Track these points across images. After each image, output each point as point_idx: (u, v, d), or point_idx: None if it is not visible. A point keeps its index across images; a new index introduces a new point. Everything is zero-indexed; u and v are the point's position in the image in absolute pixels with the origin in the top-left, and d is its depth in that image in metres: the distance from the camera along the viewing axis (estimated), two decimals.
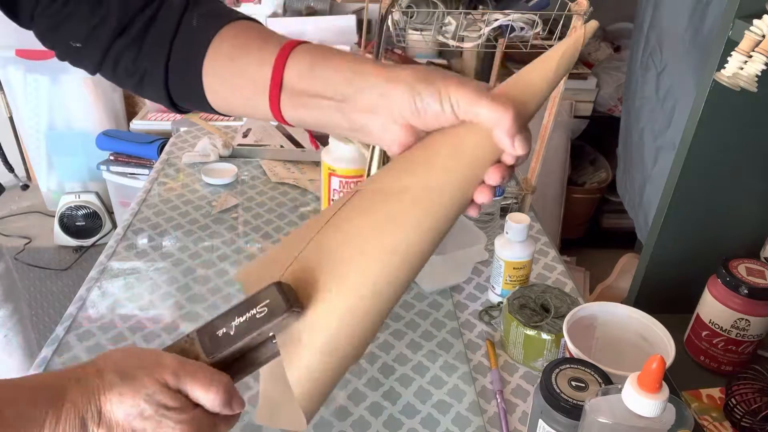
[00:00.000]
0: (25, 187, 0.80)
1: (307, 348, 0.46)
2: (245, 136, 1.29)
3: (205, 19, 0.59)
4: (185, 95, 0.62)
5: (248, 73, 0.55)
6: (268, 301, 0.45)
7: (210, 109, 0.62)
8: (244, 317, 0.45)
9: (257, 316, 0.45)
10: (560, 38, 0.92)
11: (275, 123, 1.31)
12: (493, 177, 0.49)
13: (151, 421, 0.42)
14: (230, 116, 0.66)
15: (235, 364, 0.47)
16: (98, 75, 0.63)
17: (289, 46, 0.54)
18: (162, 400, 0.42)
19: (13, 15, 0.61)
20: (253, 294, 0.46)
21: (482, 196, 0.49)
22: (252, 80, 0.55)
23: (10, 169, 0.96)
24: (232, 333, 0.45)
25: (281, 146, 1.27)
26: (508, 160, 0.49)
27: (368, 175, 0.80)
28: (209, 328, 0.46)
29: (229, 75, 0.57)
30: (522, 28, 0.92)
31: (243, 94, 0.57)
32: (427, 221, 0.47)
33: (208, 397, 0.43)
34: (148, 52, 0.60)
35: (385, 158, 0.78)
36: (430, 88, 0.47)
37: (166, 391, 0.42)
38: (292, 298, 0.45)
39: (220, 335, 0.45)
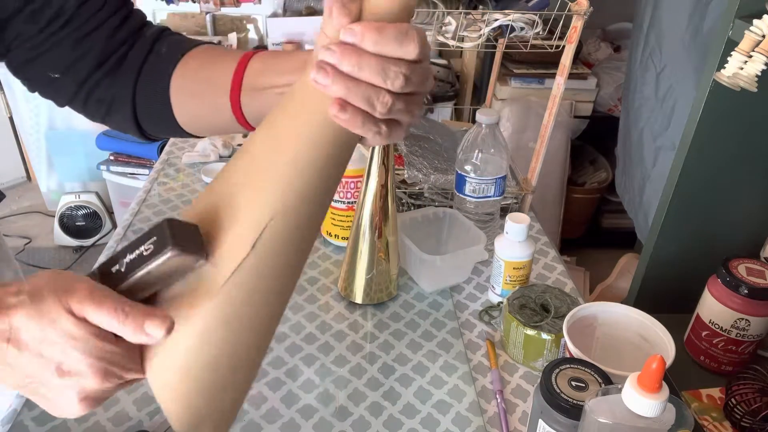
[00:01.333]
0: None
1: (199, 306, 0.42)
2: (245, 136, 1.29)
3: (173, 45, 0.63)
4: (152, 116, 0.64)
5: (212, 80, 0.59)
6: (155, 238, 0.40)
7: (175, 129, 0.64)
8: (134, 254, 0.41)
9: (144, 253, 0.40)
10: (560, 38, 0.93)
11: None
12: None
13: (56, 347, 0.39)
14: (197, 137, 0.68)
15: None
16: None
17: (251, 53, 0.58)
18: (66, 327, 0.39)
19: None
20: (147, 230, 0.42)
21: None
22: (216, 86, 0.58)
23: None
24: (123, 270, 0.41)
25: None
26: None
27: (368, 174, 0.80)
28: (109, 263, 0.42)
29: (195, 86, 0.60)
30: (522, 28, 0.92)
31: (207, 101, 0.60)
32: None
33: (112, 323, 0.39)
34: (118, 79, 0.61)
35: (385, 157, 0.78)
36: None
37: (70, 318, 0.39)
38: (180, 235, 0.40)
39: (113, 272, 0.42)
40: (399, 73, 0.40)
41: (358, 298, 0.86)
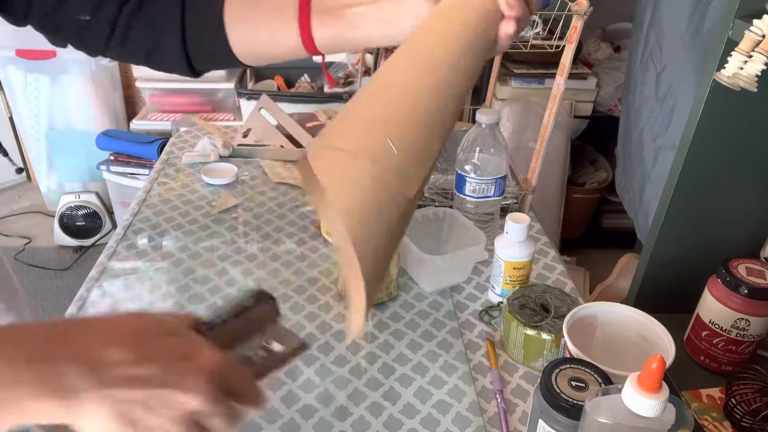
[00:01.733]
0: (20, 170, 0.77)
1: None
2: (245, 136, 1.29)
3: None
4: (204, 46, 0.59)
5: (275, 8, 0.56)
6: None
7: (229, 60, 0.59)
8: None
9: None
10: (560, 38, 0.93)
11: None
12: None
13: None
14: (254, 65, 0.63)
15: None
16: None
17: None
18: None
19: (7, 12, 0.58)
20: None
21: (508, 27, 0.50)
22: (280, 9, 0.55)
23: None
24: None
25: (281, 146, 1.27)
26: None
27: None
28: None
29: (254, 11, 0.57)
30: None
31: (270, 26, 0.56)
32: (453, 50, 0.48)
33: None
34: (160, 7, 0.57)
35: None
36: None
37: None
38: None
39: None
40: None
41: None
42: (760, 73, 0.69)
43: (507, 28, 0.49)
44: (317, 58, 0.61)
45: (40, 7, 0.57)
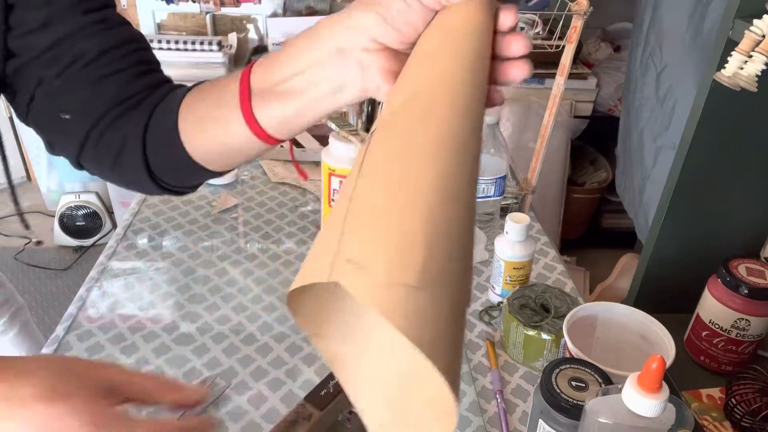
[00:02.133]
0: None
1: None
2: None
3: (183, 87, 0.59)
4: (163, 154, 0.58)
5: (217, 98, 0.53)
6: None
7: (189, 166, 0.58)
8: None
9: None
10: (560, 38, 0.93)
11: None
12: (506, 19, 0.43)
13: None
14: (219, 169, 0.60)
15: None
16: None
17: (254, 63, 0.52)
18: None
19: (14, 107, 0.59)
20: None
21: (515, 71, 0.45)
22: (222, 101, 0.52)
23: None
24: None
25: (281, 146, 1.27)
26: (506, 21, 0.43)
27: None
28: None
29: (202, 104, 0.55)
30: (522, 28, 0.92)
31: (217, 120, 0.53)
32: (454, 108, 0.38)
33: None
34: (130, 120, 0.58)
35: None
36: None
37: None
38: None
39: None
40: None
41: None
42: (760, 73, 0.69)
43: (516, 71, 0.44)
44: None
45: (36, 105, 0.58)
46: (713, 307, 0.83)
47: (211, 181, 1.15)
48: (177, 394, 0.45)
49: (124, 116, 0.57)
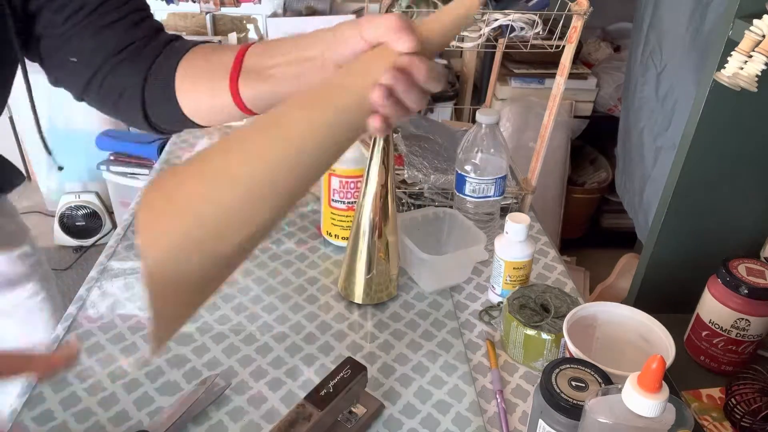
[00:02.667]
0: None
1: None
2: None
3: (183, 42, 0.67)
4: (159, 105, 0.66)
5: (213, 67, 0.62)
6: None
7: (180, 119, 0.66)
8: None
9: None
10: (560, 38, 0.93)
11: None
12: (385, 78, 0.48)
13: None
14: (203, 126, 0.70)
15: None
16: None
17: (251, 43, 0.61)
18: None
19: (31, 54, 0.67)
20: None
21: (376, 95, 0.48)
22: (216, 71, 0.61)
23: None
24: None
25: None
26: (401, 61, 0.48)
27: (368, 174, 0.80)
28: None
29: (197, 73, 0.64)
30: (522, 28, 0.92)
31: (208, 86, 0.62)
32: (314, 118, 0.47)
33: None
34: (131, 68, 0.65)
35: (385, 157, 0.78)
36: (353, 23, 0.51)
37: None
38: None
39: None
40: (425, 101, 0.50)
41: (358, 298, 0.86)
42: (760, 73, 0.69)
43: (374, 122, 0.49)
44: None
45: (44, 46, 0.66)
46: (713, 307, 0.83)
47: None
48: (39, 360, 0.49)
49: (125, 64, 0.65)
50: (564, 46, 0.93)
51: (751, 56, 0.69)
